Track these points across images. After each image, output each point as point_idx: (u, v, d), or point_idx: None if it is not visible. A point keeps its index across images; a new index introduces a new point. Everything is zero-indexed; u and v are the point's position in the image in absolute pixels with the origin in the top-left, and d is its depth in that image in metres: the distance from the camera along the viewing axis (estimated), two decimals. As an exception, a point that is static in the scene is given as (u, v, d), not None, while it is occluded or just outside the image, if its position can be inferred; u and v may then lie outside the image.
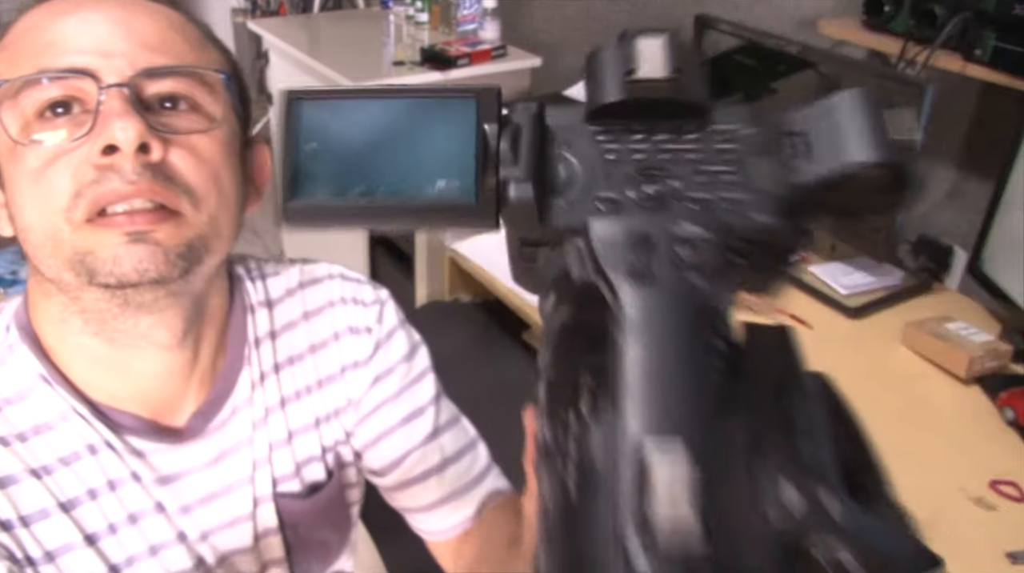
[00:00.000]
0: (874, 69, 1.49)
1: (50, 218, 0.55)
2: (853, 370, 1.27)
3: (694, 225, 0.27)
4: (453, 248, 1.63)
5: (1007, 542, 0.96)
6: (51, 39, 0.56)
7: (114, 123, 0.53)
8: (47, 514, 0.60)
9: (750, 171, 0.29)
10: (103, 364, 0.62)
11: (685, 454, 0.24)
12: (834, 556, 0.26)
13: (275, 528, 0.72)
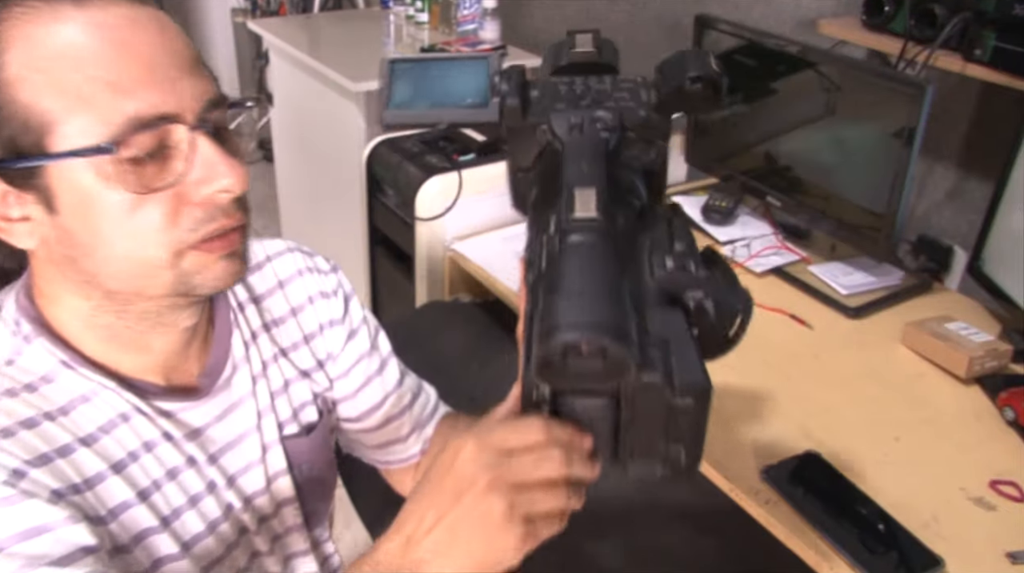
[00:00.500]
0: (874, 69, 1.49)
1: (154, 250, 0.61)
2: (853, 370, 1.27)
3: (604, 112, 0.55)
4: (453, 248, 1.63)
5: (1007, 542, 0.96)
6: (114, 76, 0.58)
7: (221, 168, 0.61)
8: (103, 477, 0.65)
9: (638, 95, 0.57)
10: (126, 344, 0.68)
11: (595, 192, 0.47)
12: (695, 300, 0.49)
13: (284, 469, 0.81)
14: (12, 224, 0.62)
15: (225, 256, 0.64)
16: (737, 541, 1.16)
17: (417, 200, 1.63)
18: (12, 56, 0.58)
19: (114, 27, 0.59)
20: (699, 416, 0.51)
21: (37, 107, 0.58)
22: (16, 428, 0.61)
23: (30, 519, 0.58)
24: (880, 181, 1.34)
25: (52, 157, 0.58)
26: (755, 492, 1.02)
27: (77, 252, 0.62)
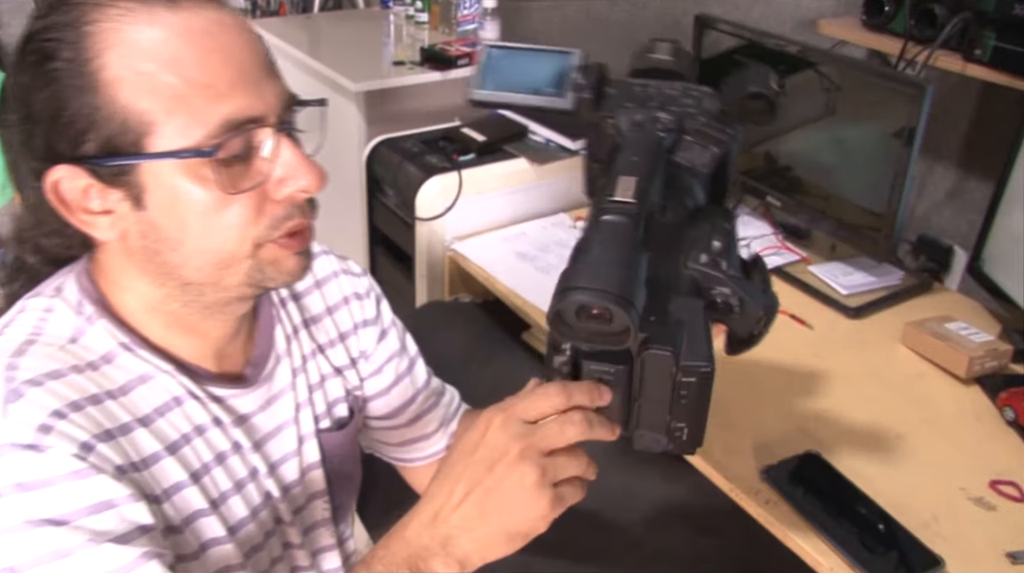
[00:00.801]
0: (874, 69, 1.49)
1: (237, 244, 0.64)
2: (853, 370, 1.27)
3: (664, 114, 0.62)
4: (453, 248, 1.63)
5: (1007, 542, 0.96)
6: (209, 80, 0.60)
7: (301, 169, 0.64)
8: (159, 457, 0.67)
9: (701, 103, 0.63)
10: (186, 329, 0.71)
11: (636, 180, 0.54)
12: (723, 296, 0.56)
13: (317, 462, 0.83)
14: (94, 217, 0.64)
15: (298, 252, 0.68)
16: (737, 541, 1.16)
17: (417, 200, 1.63)
18: (111, 57, 0.59)
19: (207, 31, 0.61)
20: (700, 396, 0.55)
21: (136, 108, 0.60)
22: (84, 403, 0.63)
23: (97, 494, 0.60)
24: (880, 181, 1.34)
25: (149, 157, 0.61)
26: (755, 492, 1.02)
27: (162, 246, 0.64)
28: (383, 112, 2.13)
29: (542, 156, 1.73)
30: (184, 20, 0.61)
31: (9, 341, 0.65)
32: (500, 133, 1.78)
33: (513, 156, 1.73)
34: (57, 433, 0.59)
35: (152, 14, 0.60)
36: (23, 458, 0.58)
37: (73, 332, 0.67)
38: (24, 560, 0.57)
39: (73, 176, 0.62)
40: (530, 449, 0.57)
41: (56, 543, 0.58)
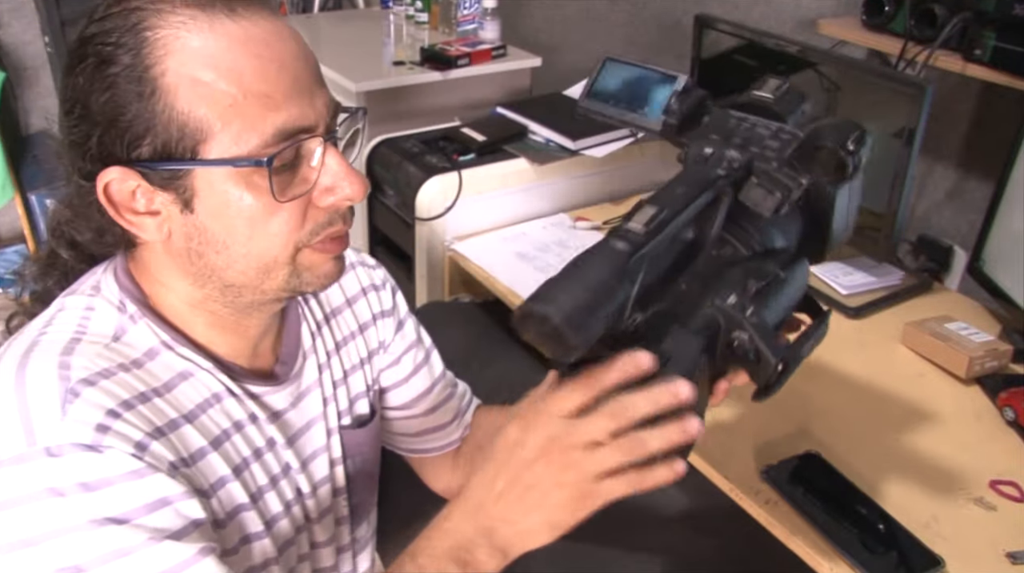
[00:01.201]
0: (874, 69, 1.49)
1: (280, 249, 0.66)
2: (853, 370, 1.27)
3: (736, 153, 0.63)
4: (453, 248, 1.63)
5: (1007, 542, 0.96)
6: (266, 90, 0.62)
7: (346, 179, 0.66)
8: (205, 453, 0.68)
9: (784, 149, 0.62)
10: (226, 327, 0.72)
11: (655, 212, 0.54)
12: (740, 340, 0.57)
13: (339, 458, 0.84)
14: (140, 218, 0.65)
15: (335, 257, 0.70)
16: (737, 541, 1.16)
17: (417, 200, 1.63)
18: (170, 64, 0.60)
19: (264, 41, 0.62)
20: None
21: (194, 115, 0.61)
22: (135, 401, 0.63)
23: (155, 492, 0.61)
24: (880, 181, 1.34)
25: (205, 163, 0.62)
26: (755, 492, 1.02)
27: (207, 249, 0.66)
28: (383, 112, 2.13)
29: (542, 156, 1.73)
30: (243, 30, 0.62)
31: (55, 340, 0.65)
32: (500, 133, 1.78)
33: (513, 156, 1.73)
34: (114, 433, 0.60)
35: (212, 22, 0.61)
36: (84, 459, 0.59)
37: (116, 330, 0.68)
38: (88, 559, 0.58)
39: (124, 178, 0.63)
40: (568, 448, 0.57)
41: (118, 542, 0.59)
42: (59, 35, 2.01)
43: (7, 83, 2.43)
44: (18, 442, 0.58)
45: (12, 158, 2.35)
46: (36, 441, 0.58)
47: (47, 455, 0.58)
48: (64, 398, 0.60)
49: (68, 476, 0.58)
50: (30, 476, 0.58)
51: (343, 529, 0.88)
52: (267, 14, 0.64)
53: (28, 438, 0.58)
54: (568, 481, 0.57)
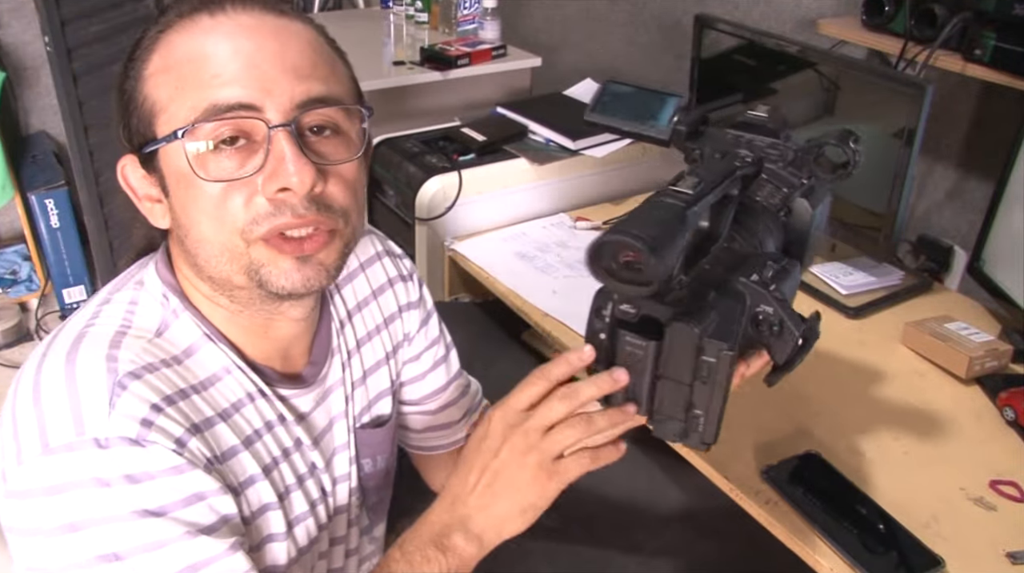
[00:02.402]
0: (874, 69, 1.49)
1: (227, 236, 0.65)
2: (853, 370, 1.27)
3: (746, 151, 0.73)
4: (453, 248, 1.63)
5: (1007, 542, 0.96)
6: (215, 71, 0.63)
7: (288, 167, 0.63)
8: (237, 451, 0.70)
9: (783, 156, 0.72)
10: (246, 329, 0.73)
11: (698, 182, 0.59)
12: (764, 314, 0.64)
13: (354, 457, 0.85)
14: (153, 204, 0.70)
15: (300, 261, 0.66)
16: (737, 542, 1.16)
17: (417, 200, 1.63)
18: (154, 57, 0.66)
19: (234, 34, 0.65)
20: (720, 380, 0.59)
21: (153, 97, 0.66)
22: (176, 397, 0.65)
23: (192, 487, 0.63)
24: (880, 181, 1.34)
25: (155, 142, 0.65)
26: (755, 492, 1.02)
27: (181, 233, 0.68)
28: (383, 112, 2.13)
29: (542, 156, 1.73)
30: (216, 23, 0.65)
31: (102, 332, 0.66)
32: (500, 133, 1.78)
33: (513, 156, 1.73)
34: (156, 428, 0.62)
35: (196, 23, 0.66)
36: (130, 453, 0.61)
37: (159, 325, 0.69)
38: (127, 548, 0.60)
39: (133, 165, 0.69)
40: (525, 433, 0.64)
41: (156, 534, 0.61)
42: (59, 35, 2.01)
43: (7, 83, 2.43)
44: (68, 431, 0.60)
45: (12, 158, 2.35)
46: (85, 431, 0.60)
47: (96, 446, 0.60)
48: (112, 391, 0.62)
49: (114, 468, 0.60)
50: (79, 465, 0.60)
51: (355, 529, 0.89)
52: (257, 12, 0.66)
53: (77, 428, 0.60)
54: (530, 463, 0.63)
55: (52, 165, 2.44)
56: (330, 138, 0.67)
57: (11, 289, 2.46)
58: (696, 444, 0.63)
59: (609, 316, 0.61)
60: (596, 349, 0.63)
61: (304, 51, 0.66)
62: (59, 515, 0.60)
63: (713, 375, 0.59)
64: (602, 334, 0.61)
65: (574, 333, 1.32)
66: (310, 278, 0.67)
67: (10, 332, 2.32)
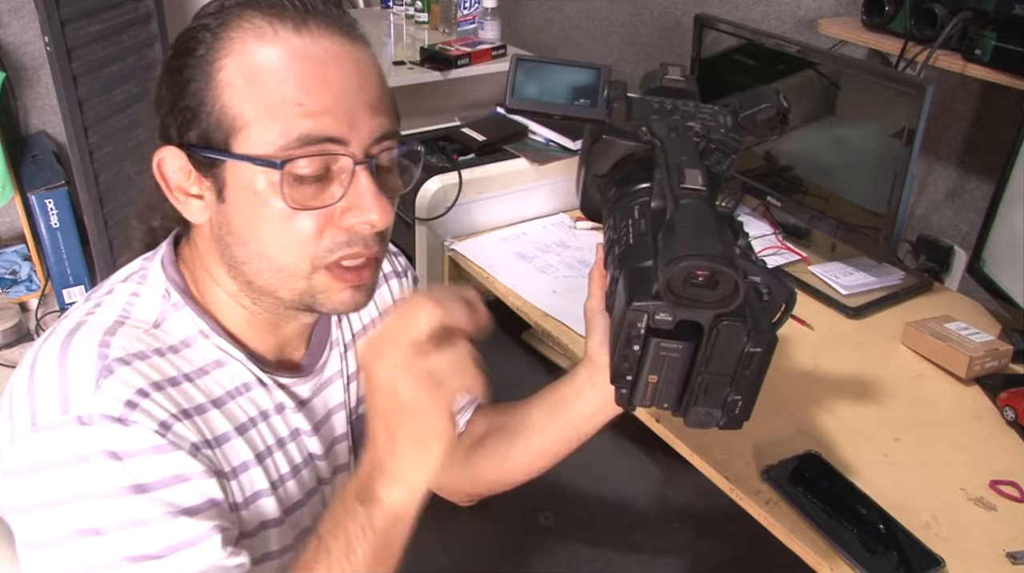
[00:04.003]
0: (874, 69, 1.49)
1: (296, 259, 0.67)
2: (853, 370, 1.27)
3: (694, 123, 0.69)
4: (453, 248, 1.63)
5: (1007, 542, 0.96)
6: (305, 99, 0.64)
7: (370, 203, 0.66)
8: (229, 437, 0.71)
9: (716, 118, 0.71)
10: (258, 327, 0.75)
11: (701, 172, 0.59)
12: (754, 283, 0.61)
13: (352, 447, 0.86)
14: (188, 199, 0.70)
15: (353, 286, 0.70)
16: (737, 541, 1.16)
17: (417, 200, 1.63)
18: (229, 62, 0.66)
19: (319, 58, 0.66)
20: (763, 366, 0.60)
21: (233, 110, 0.65)
22: (164, 384, 0.67)
23: (175, 468, 0.64)
24: (880, 181, 1.34)
25: (232, 156, 0.66)
26: (755, 492, 1.02)
27: (232, 240, 0.69)
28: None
29: (542, 156, 1.73)
30: (304, 44, 0.66)
31: (100, 321, 0.68)
32: (500, 133, 1.78)
33: (513, 156, 1.73)
34: (141, 410, 0.63)
35: (277, 33, 0.65)
36: (112, 430, 0.62)
37: (157, 317, 0.71)
38: (108, 523, 0.61)
39: (174, 157, 0.69)
40: (392, 360, 0.59)
41: (138, 511, 0.62)
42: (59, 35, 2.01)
43: (7, 83, 2.43)
44: (54, 410, 0.62)
45: (12, 158, 2.35)
46: (69, 410, 0.62)
47: (78, 423, 0.61)
48: (99, 374, 0.63)
49: (96, 444, 0.61)
50: (62, 442, 0.61)
51: None
52: (338, 37, 0.68)
53: (63, 407, 0.62)
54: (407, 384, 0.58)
55: (52, 165, 2.44)
56: (389, 170, 0.71)
57: (11, 289, 2.46)
58: (732, 426, 0.63)
59: (644, 329, 0.59)
60: (628, 369, 0.61)
61: (377, 85, 0.69)
62: (42, 491, 0.61)
63: (757, 363, 0.60)
64: (636, 346, 0.60)
65: (574, 333, 1.32)
66: (360, 303, 0.71)
67: (10, 332, 2.32)
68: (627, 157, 0.71)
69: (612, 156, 0.72)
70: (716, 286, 0.52)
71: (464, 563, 1.19)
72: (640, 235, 0.64)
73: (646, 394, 0.62)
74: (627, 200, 0.69)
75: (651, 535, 1.20)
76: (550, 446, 0.89)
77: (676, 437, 1.10)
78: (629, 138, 0.71)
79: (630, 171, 0.71)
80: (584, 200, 0.77)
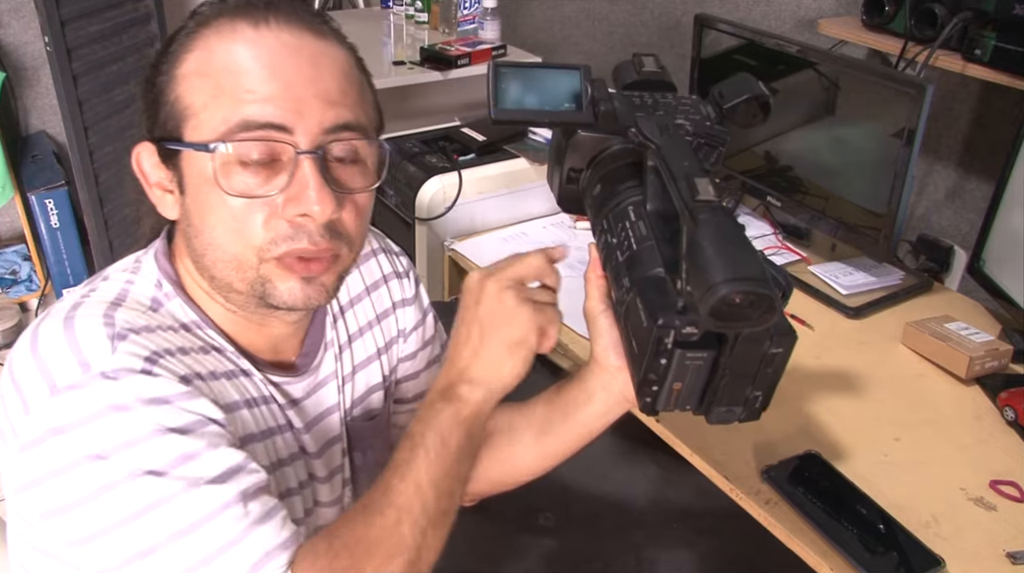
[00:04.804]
0: (874, 69, 1.49)
1: (242, 248, 0.67)
2: (853, 370, 1.27)
3: (682, 120, 0.68)
4: (453, 248, 1.63)
5: (1007, 542, 0.96)
6: (251, 86, 0.65)
7: (311, 194, 0.65)
8: (239, 407, 0.72)
9: (698, 110, 0.69)
10: (242, 323, 0.75)
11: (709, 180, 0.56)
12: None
13: (346, 449, 0.86)
14: (164, 194, 0.71)
15: (305, 281, 0.68)
16: (737, 542, 1.16)
17: (417, 200, 1.63)
18: (190, 58, 0.67)
19: (274, 50, 0.66)
20: (783, 363, 0.60)
21: (185, 100, 0.67)
22: (175, 352, 0.68)
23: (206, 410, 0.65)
24: (880, 181, 1.34)
25: (182, 145, 0.67)
26: (755, 492, 1.02)
27: (191, 232, 0.69)
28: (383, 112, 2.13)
29: (542, 156, 1.73)
30: (258, 36, 0.66)
31: (99, 300, 0.68)
32: (500, 133, 1.78)
33: (513, 156, 1.73)
34: (161, 365, 0.64)
35: (235, 29, 0.66)
36: (140, 380, 0.62)
37: (151, 302, 0.72)
38: (160, 463, 0.61)
39: (150, 153, 0.70)
40: (501, 280, 0.70)
41: (185, 447, 0.62)
42: (59, 35, 2.01)
43: (7, 83, 2.43)
44: (73, 371, 0.61)
45: (12, 158, 2.35)
46: (92, 368, 0.61)
47: (104, 378, 0.61)
48: (112, 339, 0.63)
49: (128, 393, 0.61)
50: (91, 397, 0.61)
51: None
52: (297, 31, 0.67)
53: (83, 368, 0.61)
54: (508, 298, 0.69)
55: (52, 165, 2.44)
56: (349, 166, 0.69)
57: (11, 289, 2.46)
58: (752, 418, 0.64)
59: (671, 343, 0.59)
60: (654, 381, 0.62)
61: (337, 77, 0.68)
62: (82, 447, 0.60)
63: (779, 362, 0.60)
64: (663, 360, 0.61)
65: (574, 333, 1.32)
66: (311, 297, 0.69)
67: (10, 332, 2.32)
68: (604, 150, 0.70)
69: (589, 150, 0.71)
70: (753, 305, 0.52)
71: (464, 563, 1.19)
72: (643, 240, 0.63)
73: (670, 400, 0.62)
74: (617, 200, 0.68)
75: (651, 535, 1.20)
76: (560, 446, 0.89)
77: (676, 437, 1.10)
78: (604, 132, 0.70)
79: (613, 168, 0.69)
80: (561, 194, 0.77)
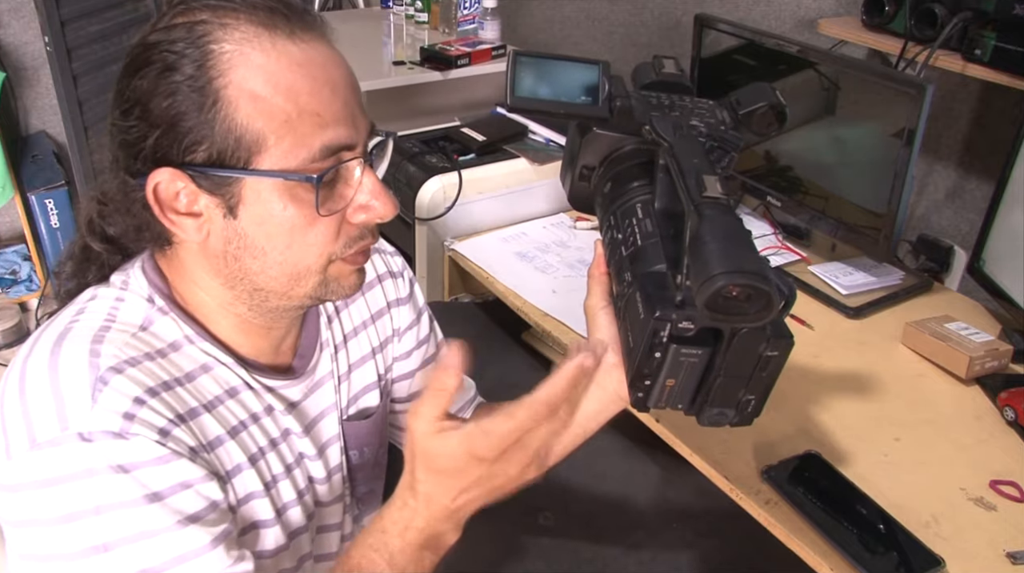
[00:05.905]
0: (874, 69, 1.49)
1: (315, 259, 0.69)
2: (853, 370, 1.27)
3: (697, 122, 0.68)
4: (453, 248, 1.63)
5: (1007, 542, 0.96)
6: (317, 109, 0.65)
7: (382, 199, 0.69)
8: (222, 441, 0.72)
9: (714, 114, 0.69)
10: (250, 329, 0.75)
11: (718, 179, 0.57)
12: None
13: (343, 448, 0.87)
14: (181, 218, 0.68)
15: (358, 269, 0.73)
16: (737, 542, 1.16)
17: (417, 200, 1.63)
18: (233, 77, 0.64)
19: (320, 64, 0.66)
20: (778, 368, 0.60)
21: (251, 127, 0.64)
22: (159, 389, 0.67)
23: (179, 476, 0.65)
24: (880, 181, 1.34)
25: (257, 173, 0.65)
26: (755, 492, 1.02)
27: (245, 253, 0.69)
28: (383, 112, 2.14)
29: (542, 156, 1.73)
30: (302, 52, 0.65)
31: (86, 328, 0.68)
32: (500, 133, 1.78)
33: (513, 156, 1.73)
34: (139, 421, 0.63)
35: (275, 42, 0.65)
36: (113, 445, 0.62)
37: (143, 320, 0.71)
38: (116, 538, 0.62)
39: (173, 179, 0.66)
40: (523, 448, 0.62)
41: (146, 523, 0.63)
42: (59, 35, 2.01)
43: (7, 83, 2.43)
44: (52, 426, 0.62)
45: (12, 158, 2.35)
46: (69, 426, 0.62)
47: (80, 440, 0.61)
48: (94, 386, 0.63)
49: (101, 459, 0.62)
50: (66, 458, 0.61)
51: (348, 517, 0.90)
52: (324, 41, 0.68)
53: (61, 423, 0.62)
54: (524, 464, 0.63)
55: (52, 165, 2.44)
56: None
57: (11, 289, 2.46)
58: (744, 423, 0.64)
59: (667, 337, 0.59)
60: (647, 375, 0.61)
61: (356, 82, 0.71)
62: (56, 506, 0.62)
63: (774, 366, 0.60)
64: (658, 354, 0.60)
65: (574, 332, 1.32)
66: (362, 281, 0.75)
67: (10, 332, 2.32)
68: (618, 149, 0.71)
69: (603, 148, 0.72)
70: (749, 299, 0.52)
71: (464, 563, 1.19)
72: (648, 237, 0.63)
73: (662, 396, 0.62)
74: (626, 198, 0.68)
75: (651, 535, 1.20)
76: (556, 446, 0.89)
77: (676, 437, 1.10)
78: (620, 130, 0.70)
79: (625, 167, 0.70)
80: (572, 192, 0.78)
